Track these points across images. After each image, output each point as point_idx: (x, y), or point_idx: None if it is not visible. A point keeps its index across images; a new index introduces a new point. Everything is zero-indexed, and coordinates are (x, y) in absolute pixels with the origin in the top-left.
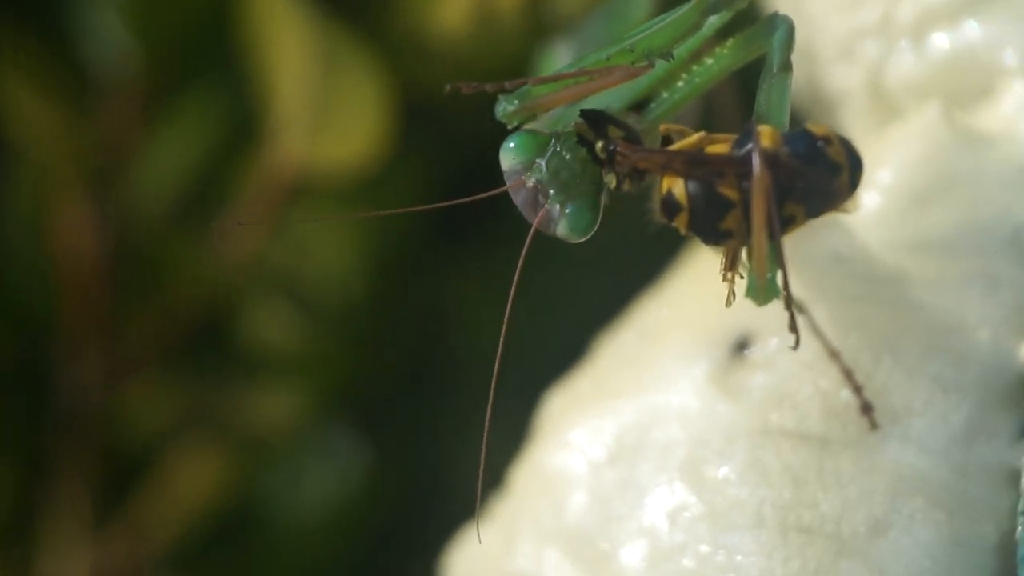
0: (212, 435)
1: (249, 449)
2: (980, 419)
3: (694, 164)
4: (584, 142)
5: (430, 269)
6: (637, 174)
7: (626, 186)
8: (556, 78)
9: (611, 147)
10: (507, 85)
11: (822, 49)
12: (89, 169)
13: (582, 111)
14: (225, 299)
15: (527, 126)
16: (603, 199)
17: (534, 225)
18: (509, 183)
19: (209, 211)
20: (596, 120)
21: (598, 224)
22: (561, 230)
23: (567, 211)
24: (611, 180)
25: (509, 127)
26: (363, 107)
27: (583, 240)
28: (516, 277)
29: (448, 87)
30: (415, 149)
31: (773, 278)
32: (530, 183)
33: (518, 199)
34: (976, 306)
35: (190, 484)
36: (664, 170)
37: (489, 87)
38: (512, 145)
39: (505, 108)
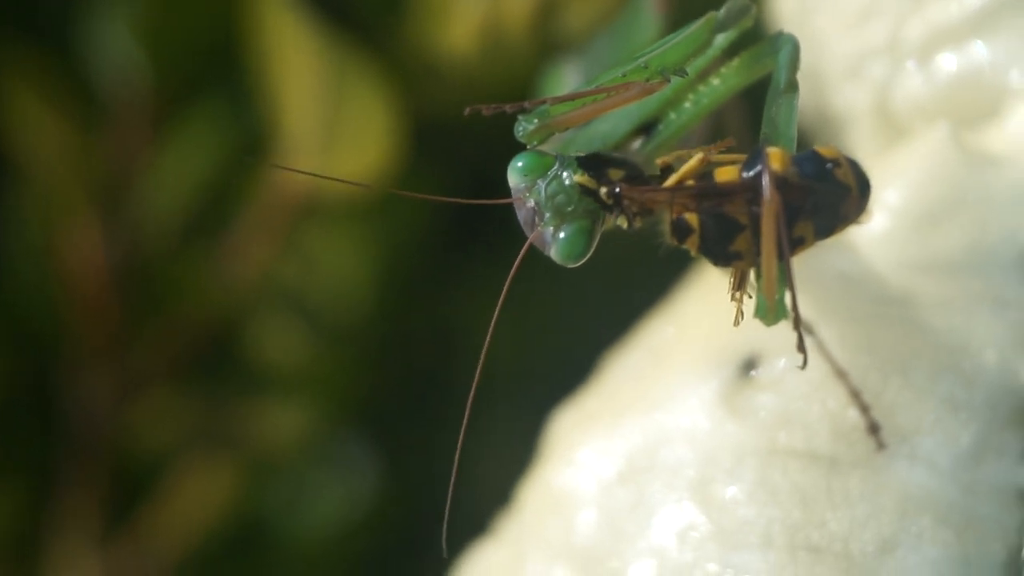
0: (221, 451)
1: (258, 465)
2: (988, 438)
3: (701, 196)
4: (587, 191)
5: (439, 285)
6: (646, 211)
7: (638, 223)
8: (575, 96)
9: (615, 191)
10: (526, 105)
11: (829, 69)
12: (97, 187)
13: (579, 159)
14: (234, 316)
15: (542, 146)
16: (599, 227)
17: (528, 242)
18: (515, 199)
19: (218, 228)
20: (594, 165)
21: (591, 252)
22: (553, 254)
23: (559, 236)
24: (623, 222)
25: (529, 146)
26: (372, 125)
27: (575, 265)
28: (505, 288)
29: (467, 110)
30: (424, 167)
31: (782, 299)
32: (529, 203)
33: (520, 215)
34: (984, 326)
35: (199, 500)
36: (672, 205)
37: (508, 108)
38: (519, 164)
39: (525, 128)
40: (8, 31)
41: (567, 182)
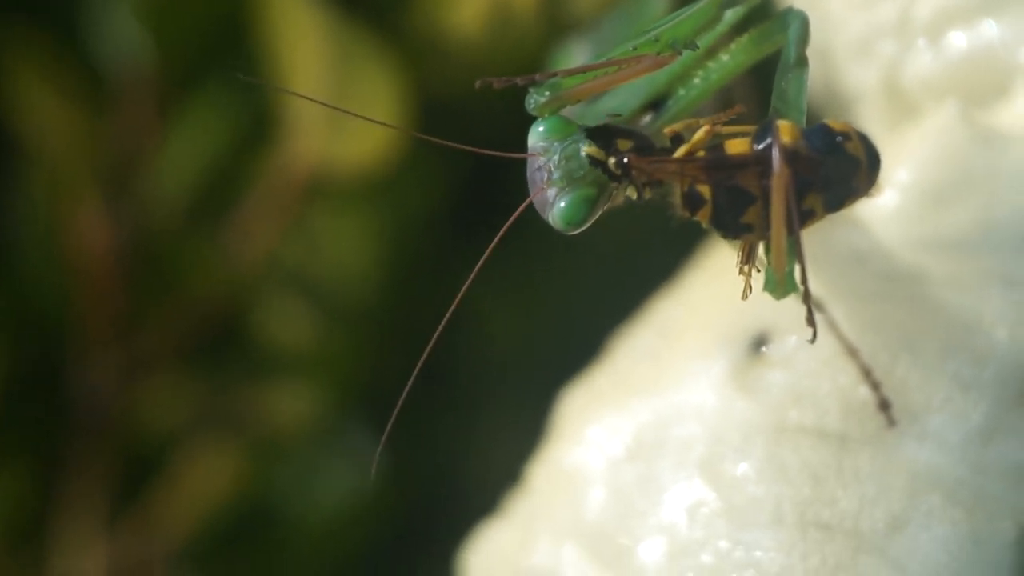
0: (227, 433)
1: (264, 447)
2: (998, 417)
3: (710, 168)
4: (596, 162)
5: (445, 267)
6: (655, 182)
7: (647, 194)
8: (585, 69)
9: (623, 161)
10: (537, 77)
11: (839, 47)
12: (104, 169)
13: (587, 130)
14: (240, 297)
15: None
16: (603, 200)
17: (528, 199)
18: (528, 156)
19: (224, 210)
20: (603, 136)
21: (589, 222)
22: (552, 217)
23: (562, 201)
24: (632, 192)
25: (540, 119)
26: (379, 105)
27: (572, 233)
28: (495, 240)
29: (478, 83)
30: (431, 148)
31: (791, 272)
32: (540, 161)
33: (528, 172)
34: (994, 304)
35: (205, 482)
36: (681, 176)
37: (520, 80)
38: (541, 129)
39: (536, 100)
40: (15, 14)
41: (582, 151)
